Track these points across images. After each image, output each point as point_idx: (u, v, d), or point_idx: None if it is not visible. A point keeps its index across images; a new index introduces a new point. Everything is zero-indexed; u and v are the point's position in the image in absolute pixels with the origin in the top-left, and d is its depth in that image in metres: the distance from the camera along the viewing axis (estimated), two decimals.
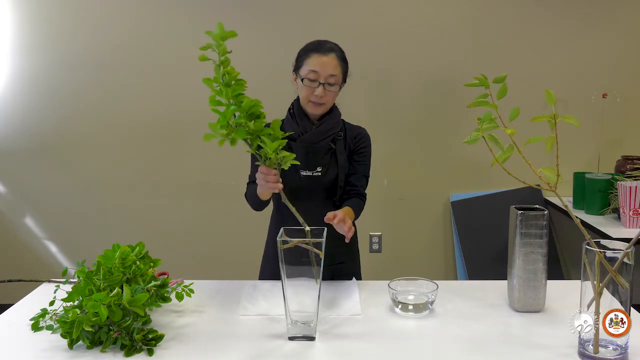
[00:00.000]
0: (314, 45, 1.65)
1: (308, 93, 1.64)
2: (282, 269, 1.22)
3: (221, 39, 1.18)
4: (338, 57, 1.64)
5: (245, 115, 1.20)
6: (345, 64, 1.68)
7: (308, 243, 1.24)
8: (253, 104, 1.20)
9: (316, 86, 1.62)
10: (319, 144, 1.69)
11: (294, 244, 1.23)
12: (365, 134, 1.77)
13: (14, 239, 3.30)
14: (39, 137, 3.20)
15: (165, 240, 3.08)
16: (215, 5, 3.10)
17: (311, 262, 1.24)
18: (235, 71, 1.19)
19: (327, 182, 1.70)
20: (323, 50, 1.63)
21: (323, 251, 1.23)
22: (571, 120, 1.08)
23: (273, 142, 1.23)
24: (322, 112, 1.68)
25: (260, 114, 1.23)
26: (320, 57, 1.62)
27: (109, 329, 1.20)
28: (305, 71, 1.63)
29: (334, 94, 1.66)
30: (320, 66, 1.61)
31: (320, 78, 1.61)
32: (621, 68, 3.17)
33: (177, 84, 3.15)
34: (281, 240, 1.23)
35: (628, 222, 2.52)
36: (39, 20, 3.12)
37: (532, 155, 1.15)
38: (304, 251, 1.24)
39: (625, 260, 1.09)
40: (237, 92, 1.19)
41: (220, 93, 1.19)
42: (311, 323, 1.25)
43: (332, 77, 1.62)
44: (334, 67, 1.62)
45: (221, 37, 1.17)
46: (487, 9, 3.13)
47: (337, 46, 1.68)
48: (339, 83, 1.65)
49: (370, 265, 2.14)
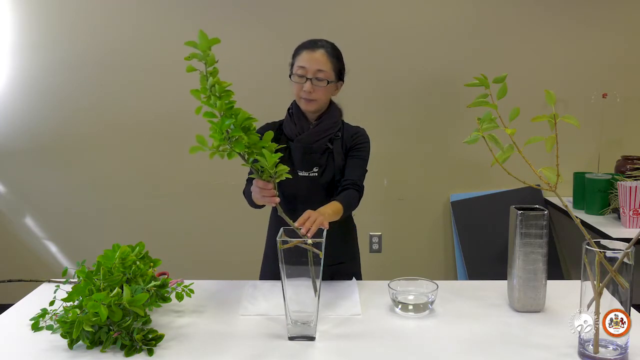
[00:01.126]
0: (304, 44, 1.67)
1: (298, 89, 1.65)
2: (282, 269, 1.23)
3: (207, 48, 1.11)
4: (328, 53, 1.65)
5: (239, 127, 1.16)
6: (337, 61, 1.67)
7: (307, 243, 1.24)
8: (247, 116, 1.16)
9: (304, 81, 1.63)
10: (315, 144, 1.68)
11: (293, 244, 1.23)
12: (363, 132, 1.76)
13: (14, 239, 3.29)
14: (39, 137, 3.20)
15: (165, 240, 3.08)
16: (216, 5, 3.10)
17: (309, 262, 1.25)
18: (224, 82, 1.13)
19: (325, 183, 1.69)
20: (313, 47, 1.64)
21: (323, 251, 1.23)
22: (571, 120, 1.08)
23: (272, 156, 1.20)
24: (314, 108, 1.67)
25: (251, 126, 1.20)
26: (308, 53, 1.63)
27: (109, 329, 1.20)
28: (295, 68, 1.65)
29: (323, 90, 1.65)
30: (308, 62, 1.62)
31: (308, 73, 1.62)
32: (621, 68, 3.16)
33: (177, 84, 3.14)
34: (281, 241, 1.23)
35: (628, 222, 2.52)
36: (39, 20, 3.12)
37: (532, 155, 1.15)
38: (303, 251, 1.24)
39: (625, 260, 1.09)
40: (230, 104, 1.15)
41: (211, 104, 1.14)
42: (311, 323, 1.25)
43: (320, 72, 1.62)
44: (322, 63, 1.62)
45: (207, 45, 1.10)
46: (487, 9, 3.13)
47: (330, 43, 1.68)
48: (328, 79, 1.64)
49: (370, 265, 2.14)
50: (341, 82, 1.73)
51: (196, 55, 1.11)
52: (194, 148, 1.17)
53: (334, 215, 1.52)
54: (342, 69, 1.71)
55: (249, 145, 1.19)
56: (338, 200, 1.58)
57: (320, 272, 1.24)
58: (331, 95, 1.71)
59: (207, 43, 1.10)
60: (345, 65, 1.72)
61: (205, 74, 1.14)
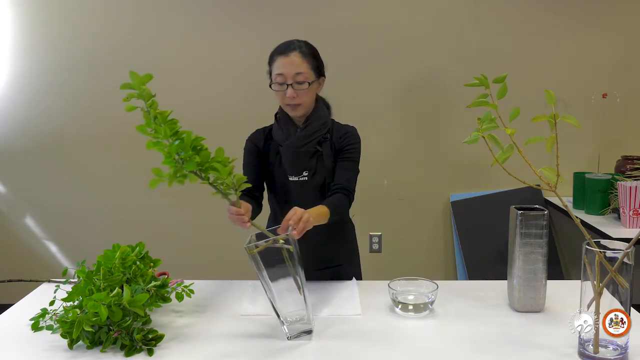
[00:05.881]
0: (278, 49, 1.63)
1: (281, 97, 1.62)
2: (261, 275, 1.20)
3: (141, 84, 1.17)
4: (302, 53, 1.60)
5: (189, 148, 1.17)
6: (313, 59, 1.63)
7: (276, 241, 1.22)
8: (194, 137, 1.17)
9: (285, 89, 1.60)
10: (303, 148, 1.65)
11: (263, 247, 1.20)
12: (353, 132, 1.71)
13: (14, 239, 3.30)
14: (39, 137, 3.20)
15: (165, 240, 3.08)
16: (216, 5, 3.10)
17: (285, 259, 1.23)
18: (165, 111, 1.18)
19: (316, 186, 1.67)
20: (286, 52, 1.60)
21: (294, 246, 1.22)
22: (571, 120, 1.08)
23: (225, 167, 1.18)
24: (302, 113, 1.65)
25: (202, 147, 1.19)
26: (283, 59, 1.59)
27: (109, 329, 1.20)
28: (273, 76, 1.61)
29: (306, 92, 1.61)
30: (284, 67, 1.58)
31: (287, 79, 1.59)
32: (621, 68, 3.16)
33: (177, 84, 3.14)
34: (249, 246, 1.19)
35: (628, 222, 2.52)
36: (39, 20, 3.12)
37: (532, 155, 1.15)
38: (276, 250, 1.22)
39: (625, 260, 1.09)
40: (175, 129, 1.18)
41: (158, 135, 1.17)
42: (305, 317, 1.25)
43: (298, 75, 1.59)
44: (298, 65, 1.58)
45: (140, 83, 1.17)
46: (487, 9, 3.13)
47: (303, 42, 1.64)
48: (308, 80, 1.60)
49: (370, 265, 2.13)
50: (323, 77, 1.68)
51: (133, 95, 1.17)
52: (153, 181, 1.16)
53: (318, 218, 1.46)
54: (320, 65, 1.66)
55: (202, 163, 1.18)
56: (325, 204, 1.53)
57: (299, 267, 1.23)
58: (315, 93, 1.68)
59: (139, 81, 1.17)
60: (323, 59, 1.67)
61: (147, 110, 1.18)
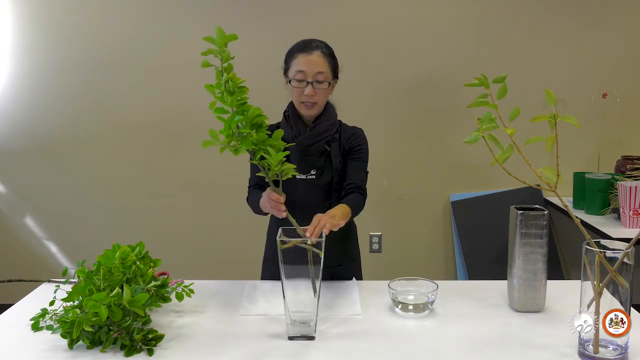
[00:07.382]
0: (299, 46, 1.64)
1: (298, 94, 1.63)
2: (282, 269, 1.22)
3: (224, 45, 1.13)
4: (324, 53, 1.63)
5: (249, 124, 1.17)
6: (333, 60, 1.66)
7: (307, 243, 1.24)
8: (258, 113, 1.17)
9: (304, 86, 1.61)
10: (312, 147, 1.67)
11: (293, 244, 1.23)
12: (361, 133, 1.75)
13: (14, 239, 3.29)
14: (39, 137, 3.20)
15: (165, 240, 3.08)
16: (216, 5, 3.10)
17: (309, 261, 1.24)
18: (238, 78, 1.16)
19: (323, 185, 1.68)
20: (308, 50, 1.62)
21: (323, 251, 1.23)
22: (571, 120, 1.08)
23: (277, 154, 1.21)
24: (315, 112, 1.66)
25: (263, 124, 1.21)
26: (306, 57, 1.61)
27: (109, 329, 1.20)
28: (292, 72, 1.62)
29: (324, 92, 1.64)
30: (307, 65, 1.60)
31: (307, 77, 1.60)
32: (621, 68, 3.16)
33: (178, 84, 3.15)
34: (280, 241, 1.23)
35: (628, 222, 2.52)
36: (39, 20, 3.12)
37: (532, 155, 1.15)
38: (303, 251, 1.24)
39: (625, 260, 1.09)
40: (242, 100, 1.17)
41: (224, 100, 1.16)
42: (311, 322, 1.25)
43: (319, 74, 1.61)
44: (320, 64, 1.61)
45: (223, 42, 1.13)
46: (487, 9, 3.13)
47: (324, 43, 1.66)
48: (328, 80, 1.63)
49: (370, 265, 2.13)
50: (336, 79, 1.71)
51: (213, 51, 1.14)
52: (206, 142, 1.18)
53: (344, 217, 1.51)
54: (336, 67, 1.69)
55: (256, 142, 1.19)
56: (346, 203, 1.58)
57: (320, 272, 1.24)
58: (329, 95, 1.70)
59: (224, 39, 1.13)
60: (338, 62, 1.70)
61: (221, 70, 1.15)
